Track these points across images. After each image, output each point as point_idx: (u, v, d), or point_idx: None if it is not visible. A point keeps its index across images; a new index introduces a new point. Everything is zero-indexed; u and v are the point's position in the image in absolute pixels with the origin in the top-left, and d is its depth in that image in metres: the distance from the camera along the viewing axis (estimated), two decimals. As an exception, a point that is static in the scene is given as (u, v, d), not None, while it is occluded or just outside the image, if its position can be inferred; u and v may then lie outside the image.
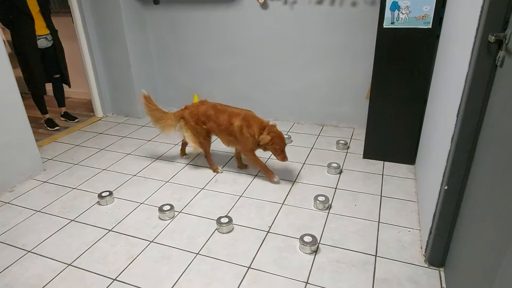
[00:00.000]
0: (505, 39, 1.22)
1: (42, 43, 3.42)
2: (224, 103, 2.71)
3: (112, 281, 1.79)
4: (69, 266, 1.91)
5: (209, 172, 2.79)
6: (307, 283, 1.74)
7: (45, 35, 3.43)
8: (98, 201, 2.44)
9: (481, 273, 1.24)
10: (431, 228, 1.75)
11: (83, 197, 2.53)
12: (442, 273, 1.76)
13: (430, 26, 2.31)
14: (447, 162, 1.59)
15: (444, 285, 1.69)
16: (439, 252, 1.75)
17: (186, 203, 2.41)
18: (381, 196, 2.40)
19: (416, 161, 2.71)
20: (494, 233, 1.16)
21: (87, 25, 3.63)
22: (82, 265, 1.91)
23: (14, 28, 3.27)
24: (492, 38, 1.25)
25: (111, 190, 2.51)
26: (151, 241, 2.07)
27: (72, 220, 2.28)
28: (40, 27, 3.37)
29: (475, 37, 1.34)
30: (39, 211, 2.39)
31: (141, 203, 2.43)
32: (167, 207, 2.26)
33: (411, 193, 2.41)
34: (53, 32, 3.49)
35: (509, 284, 0.94)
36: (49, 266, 1.91)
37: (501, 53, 1.26)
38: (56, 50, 3.54)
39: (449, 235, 1.69)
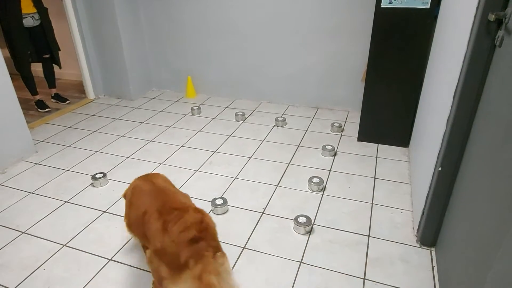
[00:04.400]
0: (505, 18, 1.21)
1: (28, 22, 3.31)
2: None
3: (108, 261, 1.80)
4: (64, 246, 1.91)
5: (203, 154, 2.78)
6: (301, 262, 1.76)
7: (31, 13, 3.31)
8: (91, 183, 2.42)
9: (471, 252, 1.26)
10: (424, 209, 1.78)
11: (76, 179, 2.50)
12: (433, 253, 1.79)
13: (428, 6, 2.28)
14: (442, 143, 1.59)
15: (434, 263, 1.73)
16: (430, 232, 1.79)
17: (181, 185, 2.41)
18: (374, 178, 2.42)
19: (410, 144, 2.72)
20: (486, 214, 1.18)
21: (76, 3, 3.52)
22: (77, 245, 1.91)
23: (0, 5, 3.16)
24: (492, 17, 1.23)
25: (105, 172, 2.50)
26: (146, 222, 2.07)
27: (66, 202, 2.27)
28: (27, 6, 3.26)
29: (475, 15, 1.33)
30: (32, 193, 2.36)
31: (136, 185, 2.42)
32: (162, 189, 2.26)
33: (404, 175, 2.43)
34: (42, 11, 3.37)
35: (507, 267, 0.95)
36: (44, 246, 1.91)
37: (500, 33, 1.25)
38: (45, 29, 3.43)
39: (441, 215, 1.72)
